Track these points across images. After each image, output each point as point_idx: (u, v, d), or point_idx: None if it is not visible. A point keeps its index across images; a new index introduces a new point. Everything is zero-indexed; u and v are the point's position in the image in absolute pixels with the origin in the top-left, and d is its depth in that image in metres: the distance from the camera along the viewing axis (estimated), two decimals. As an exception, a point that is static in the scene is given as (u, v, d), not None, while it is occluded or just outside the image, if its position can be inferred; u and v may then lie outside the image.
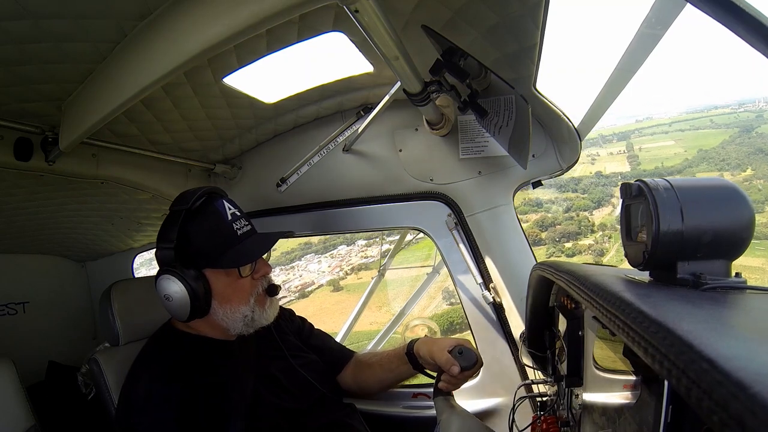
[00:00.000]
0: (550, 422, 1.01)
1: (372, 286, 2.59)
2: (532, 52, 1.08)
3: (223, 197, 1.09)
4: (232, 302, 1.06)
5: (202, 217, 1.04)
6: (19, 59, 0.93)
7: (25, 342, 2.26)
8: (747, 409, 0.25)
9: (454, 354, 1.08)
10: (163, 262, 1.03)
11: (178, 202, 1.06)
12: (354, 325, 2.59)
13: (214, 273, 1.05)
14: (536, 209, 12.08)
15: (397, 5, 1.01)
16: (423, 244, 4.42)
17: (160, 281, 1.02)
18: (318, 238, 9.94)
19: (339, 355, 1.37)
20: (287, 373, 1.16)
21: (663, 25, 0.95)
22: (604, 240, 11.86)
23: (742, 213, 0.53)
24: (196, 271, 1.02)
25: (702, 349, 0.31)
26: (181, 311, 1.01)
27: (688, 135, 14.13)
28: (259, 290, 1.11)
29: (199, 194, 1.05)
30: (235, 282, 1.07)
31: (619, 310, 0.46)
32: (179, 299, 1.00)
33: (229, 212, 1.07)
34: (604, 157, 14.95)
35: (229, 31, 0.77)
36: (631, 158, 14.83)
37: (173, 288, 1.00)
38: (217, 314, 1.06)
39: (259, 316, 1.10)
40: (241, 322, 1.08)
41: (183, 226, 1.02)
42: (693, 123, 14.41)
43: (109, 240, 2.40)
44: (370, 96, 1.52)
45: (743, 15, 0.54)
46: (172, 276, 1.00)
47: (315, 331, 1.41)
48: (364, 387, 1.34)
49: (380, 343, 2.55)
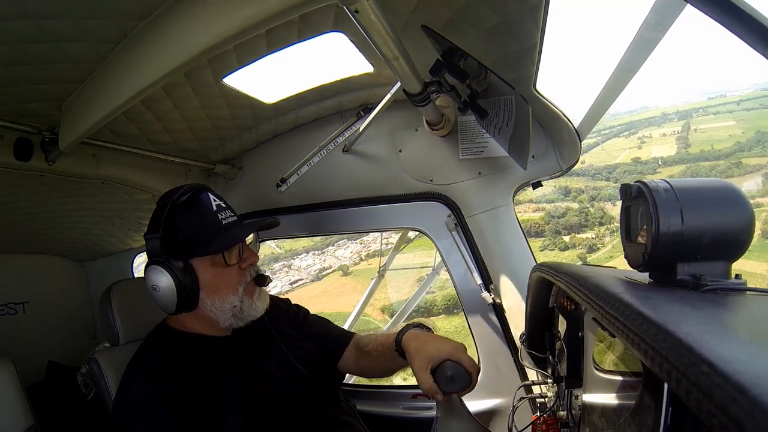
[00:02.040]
0: (550, 423, 1.01)
1: (372, 286, 2.59)
2: (532, 52, 1.08)
3: (208, 191, 1.11)
4: (220, 292, 1.06)
5: (187, 209, 1.06)
6: (19, 59, 0.94)
7: (25, 342, 2.26)
8: (746, 412, 0.25)
9: (441, 377, 0.94)
10: (151, 253, 1.04)
11: (164, 197, 1.07)
12: (353, 326, 2.59)
13: (201, 263, 1.05)
14: (563, 198, 11.62)
15: (397, 5, 1.01)
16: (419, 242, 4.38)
17: (147, 273, 1.02)
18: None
19: (337, 341, 1.33)
20: (283, 367, 1.15)
21: (663, 25, 0.95)
22: (605, 234, 11.54)
23: (742, 214, 0.53)
24: (183, 262, 1.02)
25: (702, 351, 0.31)
26: (169, 302, 1.02)
27: (753, 114, 12.63)
28: (248, 279, 1.10)
29: (185, 189, 1.07)
30: (222, 271, 1.06)
31: (619, 311, 0.46)
32: (166, 289, 1.00)
33: (214, 204, 1.08)
34: (656, 138, 13.71)
35: (229, 31, 0.77)
36: (680, 140, 13.57)
37: (160, 278, 1.00)
38: (206, 306, 1.05)
39: (248, 306, 1.09)
40: (230, 312, 1.07)
41: (169, 218, 1.03)
42: (763, 101, 12.92)
43: (109, 240, 2.40)
44: (370, 96, 1.52)
45: (743, 15, 0.54)
46: (159, 266, 1.00)
47: (311, 319, 1.37)
48: (366, 372, 1.32)
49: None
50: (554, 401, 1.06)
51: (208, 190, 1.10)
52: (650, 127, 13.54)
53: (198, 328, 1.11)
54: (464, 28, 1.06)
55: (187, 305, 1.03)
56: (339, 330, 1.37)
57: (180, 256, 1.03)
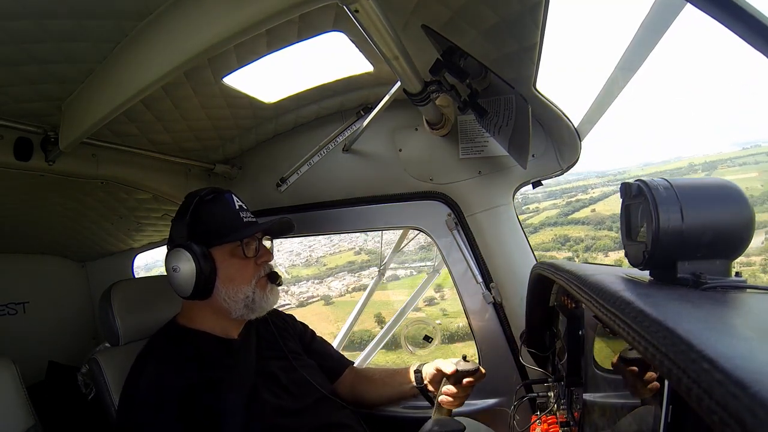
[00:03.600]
0: (550, 422, 1.01)
1: (372, 286, 2.59)
2: (532, 52, 1.08)
3: (231, 193, 1.19)
4: (235, 281, 1.11)
5: (212, 203, 1.14)
6: (19, 59, 0.93)
7: (25, 342, 2.26)
8: (747, 408, 0.25)
9: (459, 363, 1.12)
10: (174, 237, 1.11)
11: (191, 195, 1.16)
12: (353, 328, 2.59)
13: (221, 253, 1.11)
14: (560, 247, 11.38)
15: (397, 5, 1.01)
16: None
17: (170, 254, 1.08)
18: (360, 258, 10.29)
19: (337, 364, 1.39)
20: (287, 372, 1.17)
21: (663, 25, 0.95)
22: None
23: (742, 212, 0.53)
24: (204, 249, 1.08)
25: (702, 348, 0.31)
26: (186, 285, 1.06)
27: None
28: (261, 273, 1.16)
29: (211, 189, 1.16)
30: (240, 263, 1.13)
31: (619, 309, 0.46)
32: (186, 272, 1.06)
33: (236, 204, 1.17)
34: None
35: (229, 31, 0.77)
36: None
37: (182, 260, 1.06)
38: (220, 294, 1.10)
39: (260, 298, 1.14)
40: (243, 303, 1.12)
41: (195, 209, 1.11)
42: None
43: (109, 240, 2.39)
44: (370, 96, 1.52)
45: (743, 15, 0.54)
46: (183, 249, 1.07)
47: (317, 338, 1.43)
48: (359, 398, 1.36)
49: (381, 342, 2.55)
50: (554, 400, 1.06)
51: (231, 193, 1.19)
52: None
53: (208, 323, 1.14)
54: (464, 27, 1.06)
55: (202, 292, 1.08)
56: (339, 354, 1.45)
57: (202, 242, 1.08)
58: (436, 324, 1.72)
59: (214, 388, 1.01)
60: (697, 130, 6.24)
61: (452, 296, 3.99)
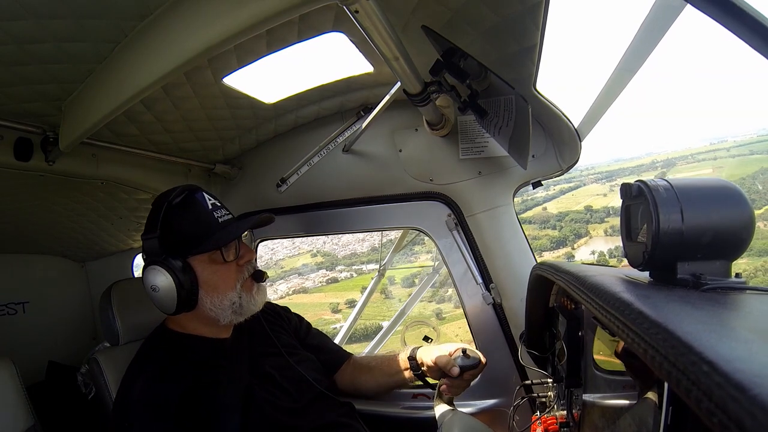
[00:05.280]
0: (550, 423, 1.01)
1: (372, 285, 2.59)
2: (532, 52, 1.08)
3: (201, 190, 1.11)
4: (219, 289, 1.06)
5: (183, 209, 1.06)
6: (19, 59, 0.93)
7: (25, 342, 2.26)
8: (746, 411, 0.25)
9: (458, 357, 1.09)
10: (148, 253, 1.04)
11: (159, 199, 1.08)
12: (354, 325, 2.59)
13: (199, 261, 1.05)
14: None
15: (397, 5, 1.01)
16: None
17: (146, 273, 1.02)
18: (316, 260, 10.47)
19: (336, 356, 1.38)
20: (283, 370, 1.16)
21: (663, 25, 0.95)
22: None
23: (742, 213, 0.53)
24: (181, 261, 1.02)
25: (702, 350, 0.31)
26: (169, 302, 1.01)
27: (736, 161, 11.88)
28: (245, 275, 1.11)
29: (179, 190, 1.08)
30: (220, 268, 1.07)
31: (619, 310, 0.46)
32: (165, 289, 1.00)
33: (209, 203, 1.09)
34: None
35: (229, 31, 0.77)
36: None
37: (159, 278, 1.00)
38: (205, 304, 1.06)
39: (247, 302, 1.10)
40: (230, 309, 1.08)
41: (165, 218, 1.04)
42: (755, 147, 12.10)
43: (109, 240, 2.39)
44: (370, 96, 1.52)
45: (743, 15, 0.54)
46: (158, 266, 1.00)
47: (313, 331, 1.41)
48: (360, 389, 1.35)
49: (381, 341, 2.55)
50: (554, 401, 1.06)
51: (201, 190, 1.11)
52: (631, 176, 13.05)
53: (197, 329, 1.11)
54: (464, 28, 1.06)
55: (186, 305, 1.03)
56: (338, 346, 1.43)
57: (178, 255, 1.03)
58: (435, 324, 1.72)
59: (209, 391, 1.00)
60: (673, 126, 6.30)
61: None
